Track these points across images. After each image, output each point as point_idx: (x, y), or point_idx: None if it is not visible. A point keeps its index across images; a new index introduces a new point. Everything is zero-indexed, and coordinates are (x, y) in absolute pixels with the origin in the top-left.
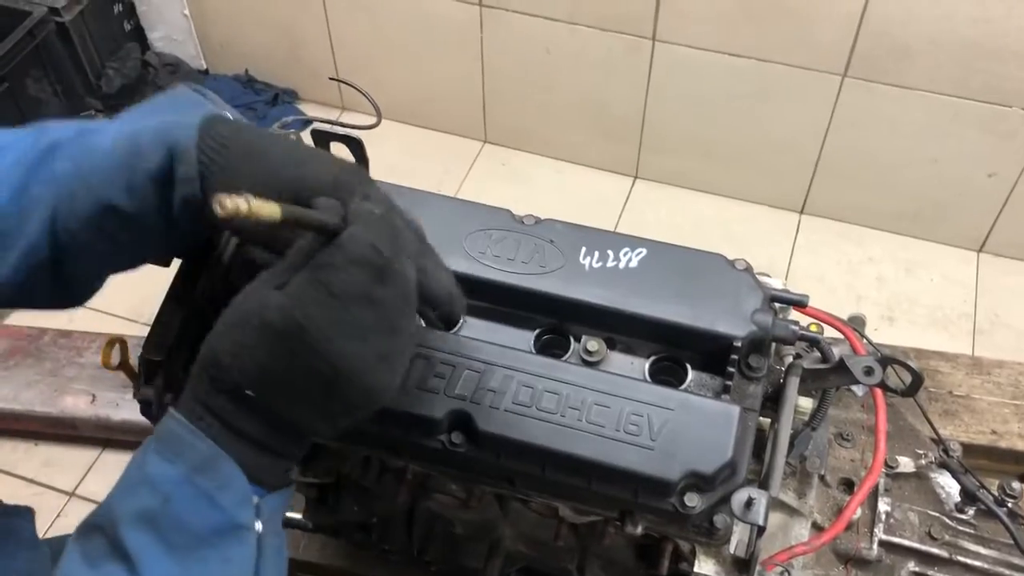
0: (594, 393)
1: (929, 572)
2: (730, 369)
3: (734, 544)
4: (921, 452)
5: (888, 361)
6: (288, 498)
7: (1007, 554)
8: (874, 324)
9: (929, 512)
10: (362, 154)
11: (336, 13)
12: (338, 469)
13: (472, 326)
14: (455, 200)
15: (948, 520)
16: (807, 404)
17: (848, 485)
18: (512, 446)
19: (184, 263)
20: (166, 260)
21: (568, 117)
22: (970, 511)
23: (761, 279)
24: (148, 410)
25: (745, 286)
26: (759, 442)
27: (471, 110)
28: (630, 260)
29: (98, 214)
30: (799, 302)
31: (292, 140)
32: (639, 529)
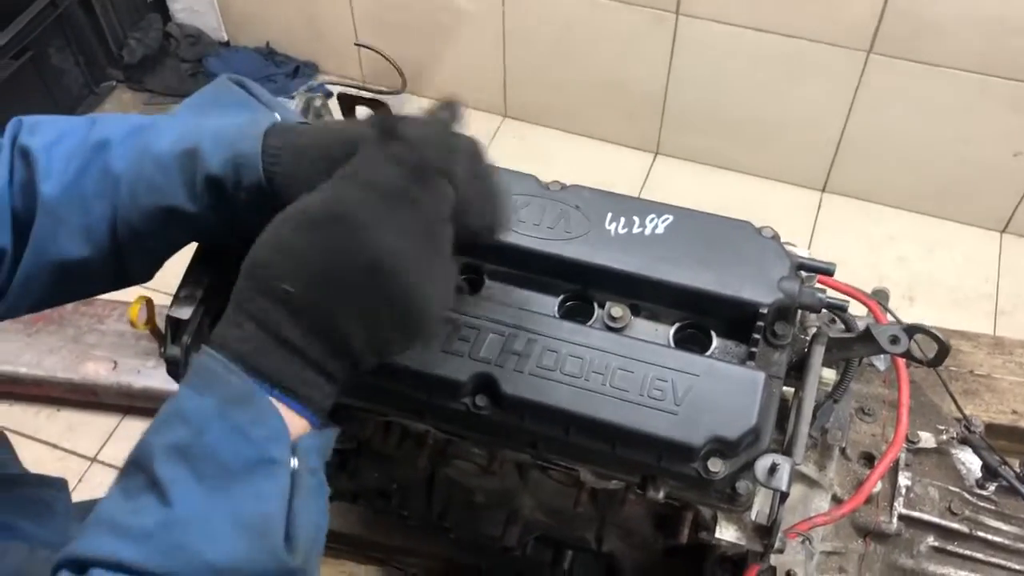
0: (618, 358)
1: (948, 547)
2: (755, 336)
3: (755, 513)
4: (942, 428)
5: (914, 330)
6: (330, 440)
7: None
8: (895, 304)
9: (949, 487)
10: None
11: None
12: (359, 435)
13: (497, 290)
14: None
15: (968, 496)
16: (829, 376)
17: (868, 459)
18: (536, 409)
19: None
20: None
21: (589, 93)
22: (991, 487)
23: (787, 248)
24: (175, 370)
25: (772, 253)
26: (781, 412)
27: (491, 85)
28: (656, 226)
29: (159, 214)
30: (826, 270)
31: (337, 122)
32: (661, 494)
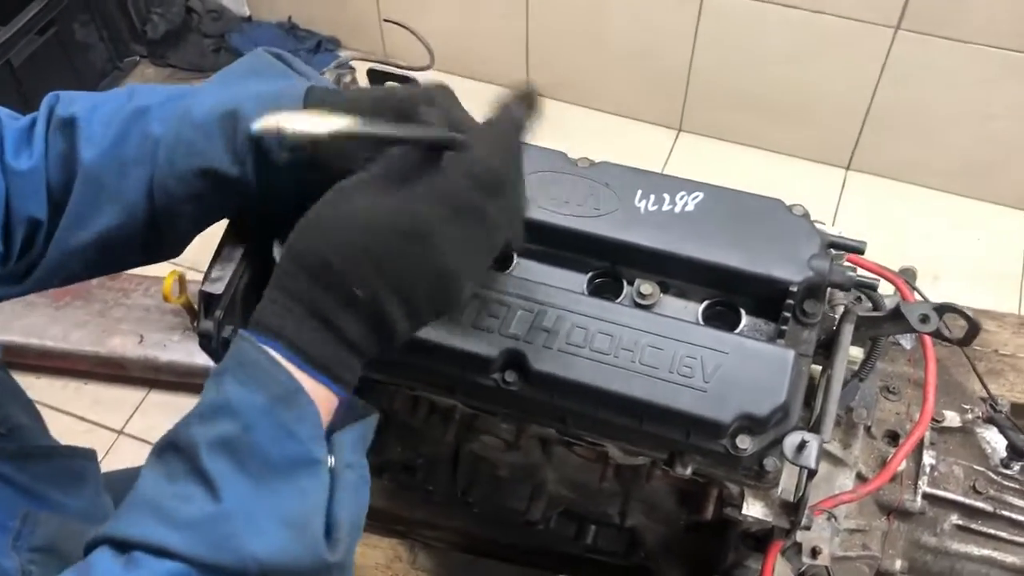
0: (647, 335)
1: (972, 525)
2: (785, 314)
3: (780, 490)
4: (967, 407)
5: (944, 309)
6: (371, 428)
7: None
8: (919, 282)
9: (974, 466)
10: None
11: None
12: (385, 408)
13: (525, 267)
14: None
15: (993, 475)
16: (856, 354)
17: (893, 438)
18: (565, 385)
19: None
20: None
21: (613, 68)
22: (1016, 466)
23: (817, 226)
24: (208, 344)
25: (802, 231)
26: (808, 389)
27: (515, 60)
28: (686, 204)
29: (199, 177)
30: (857, 248)
31: (379, 89)
32: (688, 471)
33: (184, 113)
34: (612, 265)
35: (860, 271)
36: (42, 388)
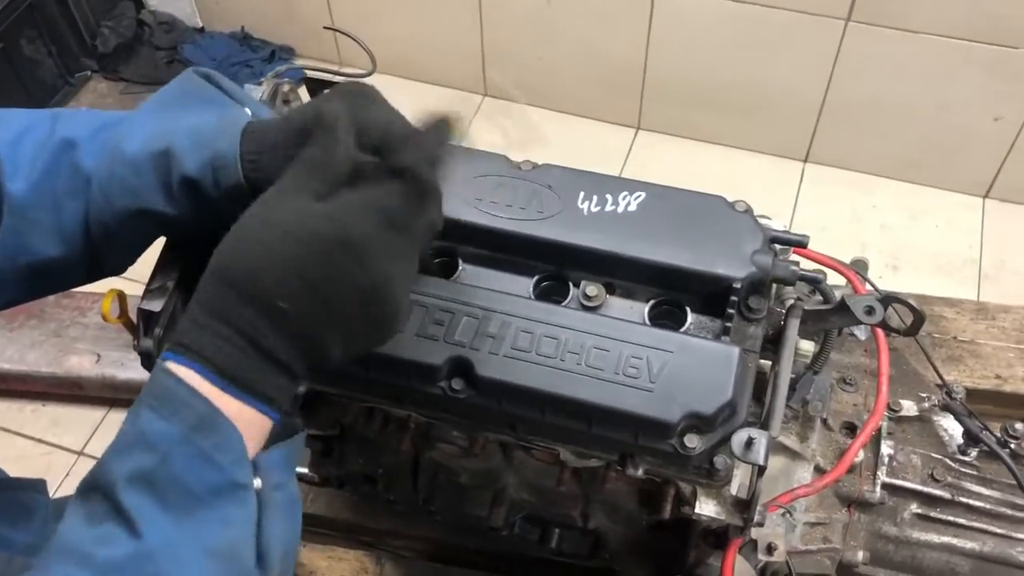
0: (593, 337)
1: (932, 513)
2: (729, 311)
3: (736, 487)
4: (924, 396)
5: (889, 300)
6: (296, 450)
7: (1010, 494)
8: (879, 272)
9: (932, 454)
10: None
11: None
12: (342, 420)
13: (471, 273)
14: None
15: (951, 462)
16: (810, 348)
17: (851, 429)
18: (512, 391)
19: None
20: None
21: (569, 68)
22: (973, 453)
23: (761, 221)
24: (148, 362)
25: (745, 227)
26: (761, 385)
27: (470, 63)
28: (629, 204)
29: (134, 214)
30: (799, 242)
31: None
32: (640, 472)
33: (115, 148)
34: (558, 268)
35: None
36: None
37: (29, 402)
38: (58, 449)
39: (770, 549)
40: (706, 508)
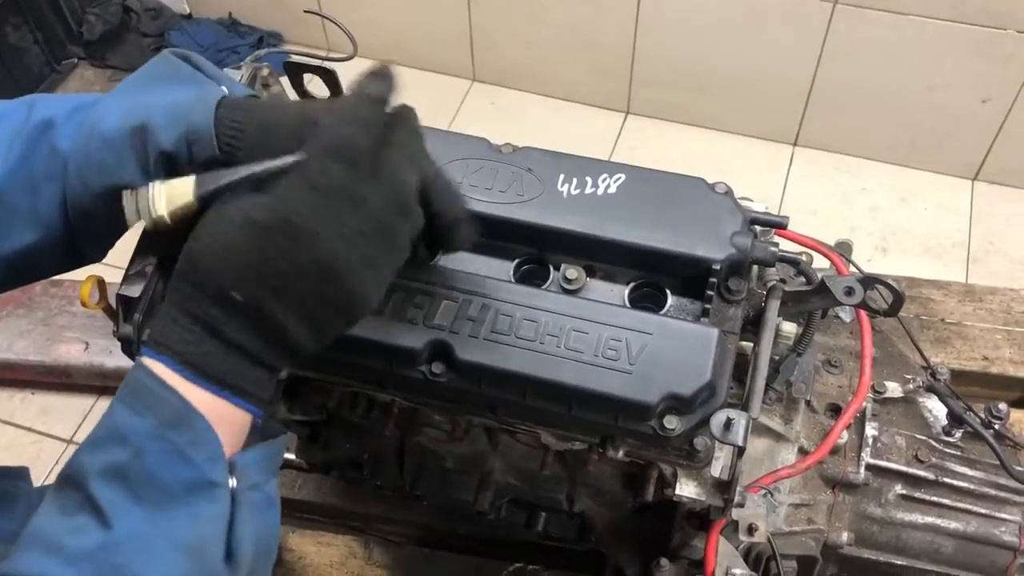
0: (573, 320)
1: (916, 494)
2: (709, 292)
3: (718, 468)
4: (909, 377)
5: (869, 281)
6: (278, 450)
7: (993, 475)
8: (868, 255)
9: (916, 436)
10: (336, 85)
11: None
12: (327, 406)
13: (451, 257)
14: (432, 130)
15: (935, 443)
16: (793, 330)
17: (835, 411)
18: (492, 374)
19: None
20: None
21: (557, 53)
22: (957, 434)
23: (742, 203)
24: (128, 348)
25: (724, 209)
26: (742, 366)
27: (459, 48)
28: (608, 186)
29: (112, 195)
30: (779, 224)
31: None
32: (621, 454)
33: (92, 127)
34: (538, 251)
35: (793, 246)
36: None
37: (18, 390)
38: (47, 437)
39: (751, 530)
40: (687, 489)
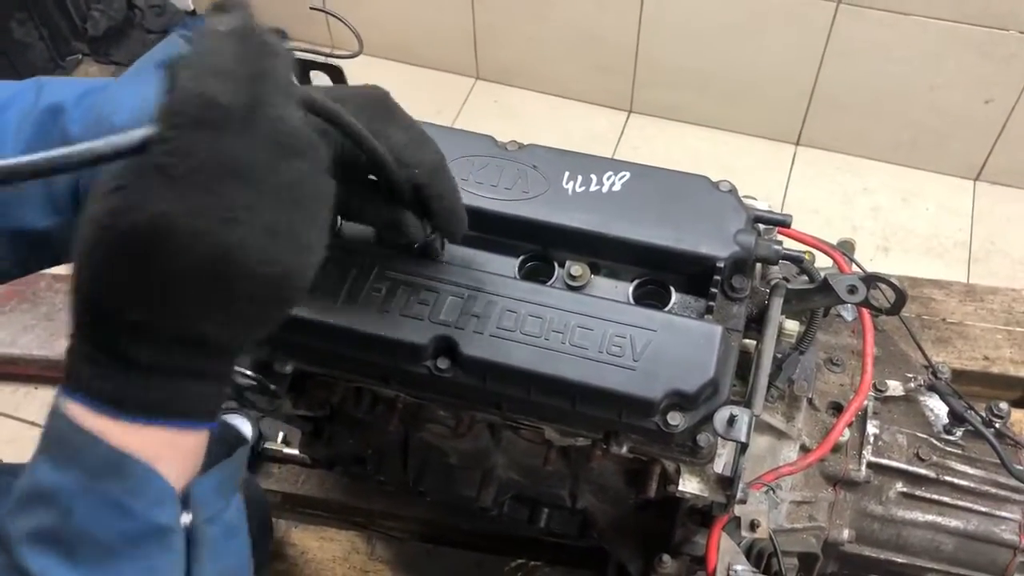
0: (577, 316)
1: (917, 492)
2: (712, 290)
3: (721, 465)
4: (911, 376)
5: (871, 279)
6: (237, 469)
7: (994, 473)
8: (870, 254)
9: (917, 434)
10: (342, 81)
11: None
12: (331, 401)
13: (455, 253)
14: (436, 127)
15: (936, 442)
16: (796, 328)
17: (837, 409)
18: (497, 370)
19: None
20: None
21: (561, 51)
22: (958, 432)
23: (746, 201)
24: None
25: (728, 207)
26: (745, 364)
27: (462, 46)
28: (613, 184)
29: None
30: (782, 222)
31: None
32: (624, 449)
33: (102, 117)
34: (543, 248)
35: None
36: None
37: (22, 385)
38: None
39: (752, 526)
40: (689, 485)
